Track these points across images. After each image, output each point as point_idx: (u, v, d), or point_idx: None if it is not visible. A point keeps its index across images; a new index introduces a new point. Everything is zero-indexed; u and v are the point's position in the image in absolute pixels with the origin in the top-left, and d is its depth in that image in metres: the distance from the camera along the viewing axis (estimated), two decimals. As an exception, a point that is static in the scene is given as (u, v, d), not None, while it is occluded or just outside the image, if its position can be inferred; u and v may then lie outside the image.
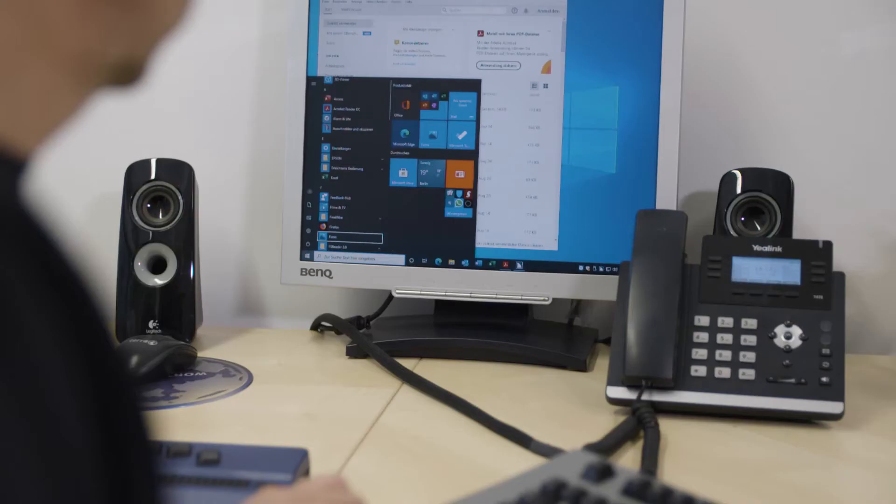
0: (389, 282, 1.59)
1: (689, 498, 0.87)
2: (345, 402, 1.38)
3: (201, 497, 1.01)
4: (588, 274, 1.52)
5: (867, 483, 1.15)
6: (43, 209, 0.46)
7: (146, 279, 1.59)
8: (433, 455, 1.20)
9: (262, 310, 1.80)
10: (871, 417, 1.31)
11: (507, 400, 1.36)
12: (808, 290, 1.33)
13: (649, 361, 1.29)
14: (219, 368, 1.51)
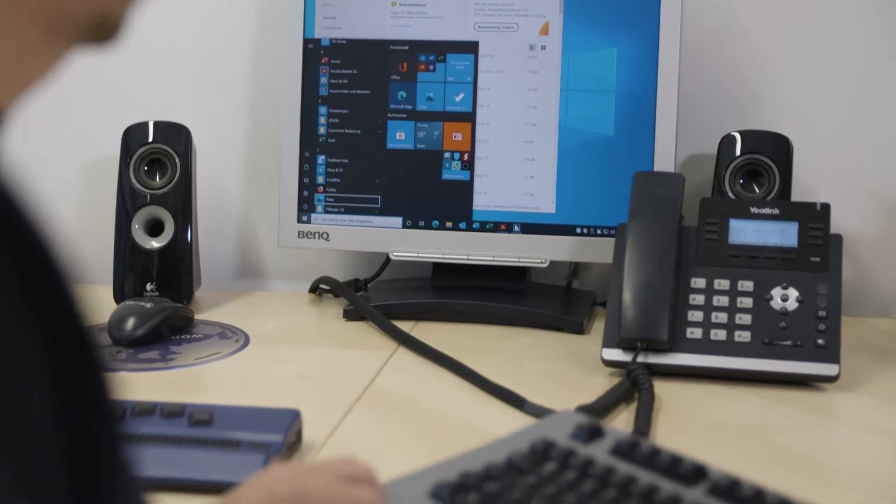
0: (387, 244, 1.58)
1: (677, 458, 0.87)
2: (341, 364, 1.38)
3: (193, 457, 1.01)
4: (585, 236, 1.52)
5: (862, 445, 1.15)
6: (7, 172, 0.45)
7: (144, 242, 1.59)
8: (427, 416, 1.20)
9: (261, 272, 1.80)
10: (867, 380, 1.30)
11: (503, 362, 1.36)
12: (806, 252, 1.32)
13: (645, 323, 1.28)
14: (216, 331, 1.52)
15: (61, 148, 1.80)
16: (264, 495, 0.75)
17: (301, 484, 0.76)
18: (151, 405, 1.09)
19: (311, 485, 0.76)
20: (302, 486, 0.76)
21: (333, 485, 0.77)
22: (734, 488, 0.82)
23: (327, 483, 0.77)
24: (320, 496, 0.75)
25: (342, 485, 0.77)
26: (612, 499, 0.81)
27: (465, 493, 0.84)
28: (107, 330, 1.45)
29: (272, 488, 0.75)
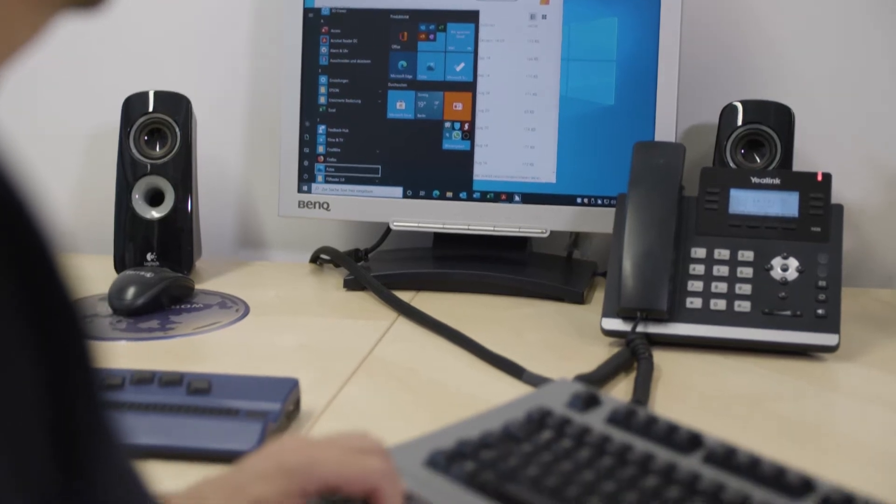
0: (387, 214, 1.58)
1: (673, 426, 0.87)
2: (340, 333, 1.38)
3: (191, 425, 1.01)
4: (586, 206, 1.52)
5: (861, 415, 1.15)
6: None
7: (144, 212, 1.59)
8: (426, 386, 1.20)
9: (262, 243, 1.80)
10: (867, 350, 1.30)
11: (503, 332, 1.36)
12: (806, 222, 1.32)
13: (644, 293, 1.28)
14: (216, 300, 1.52)
15: (62, 118, 1.80)
16: (272, 465, 0.75)
17: (310, 455, 0.76)
18: (150, 374, 1.09)
19: (320, 455, 0.76)
20: (311, 456, 0.75)
21: (343, 455, 0.76)
22: (730, 456, 0.82)
23: (337, 454, 0.76)
24: (330, 466, 0.75)
25: (352, 455, 0.77)
26: (607, 467, 0.81)
27: (461, 460, 0.84)
28: (107, 299, 1.45)
29: (281, 458, 0.75)
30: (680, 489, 0.78)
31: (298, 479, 0.74)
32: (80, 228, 1.81)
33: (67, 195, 1.81)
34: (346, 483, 0.75)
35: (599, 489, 0.78)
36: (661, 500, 0.77)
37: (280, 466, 0.74)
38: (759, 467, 0.80)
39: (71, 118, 1.80)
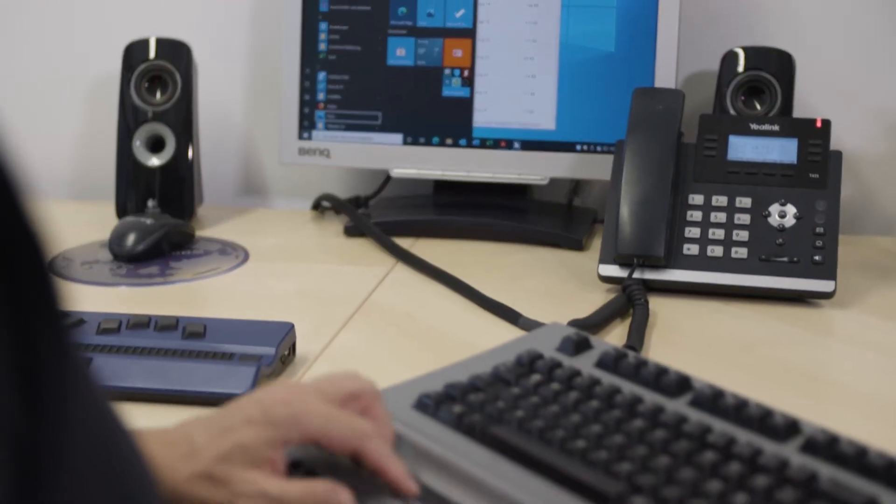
0: (387, 161, 1.58)
1: (662, 370, 0.87)
2: (339, 279, 1.39)
3: (185, 369, 1.02)
4: (585, 153, 1.51)
5: (856, 361, 1.15)
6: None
7: (145, 159, 1.59)
8: (422, 331, 1.21)
9: (264, 190, 1.80)
10: (864, 297, 1.30)
11: (501, 278, 1.37)
12: (805, 168, 1.32)
13: (641, 239, 1.28)
14: (216, 247, 1.52)
15: (63, 66, 1.80)
16: (259, 412, 0.75)
17: (297, 408, 0.75)
18: (146, 318, 1.09)
19: (307, 409, 0.76)
20: (297, 409, 0.75)
21: (331, 412, 0.77)
22: (717, 399, 0.82)
23: (325, 409, 0.76)
24: (315, 420, 0.75)
25: (341, 412, 0.77)
26: (595, 409, 0.82)
27: (449, 403, 0.84)
28: (108, 246, 1.45)
29: (267, 407, 0.75)
30: (665, 432, 0.78)
31: (283, 429, 0.74)
32: (82, 176, 1.81)
33: (69, 142, 1.81)
34: (330, 440, 0.75)
35: (585, 432, 0.79)
36: (646, 442, 0.77)
37: (266, 414, 0.75)
38: (746, 410, 0.80)
39: (72, 65, 1.80)
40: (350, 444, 0.76)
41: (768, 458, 0.74)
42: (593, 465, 0.75)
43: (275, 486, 0.73)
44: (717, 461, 0.74)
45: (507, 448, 0.78)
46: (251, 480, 0.73)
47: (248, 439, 0.74)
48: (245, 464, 0.73)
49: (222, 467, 0.73)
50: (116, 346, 1.06)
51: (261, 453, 0.74)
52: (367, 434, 0.76)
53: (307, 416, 0.75)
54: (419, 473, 0.77)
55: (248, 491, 0.72)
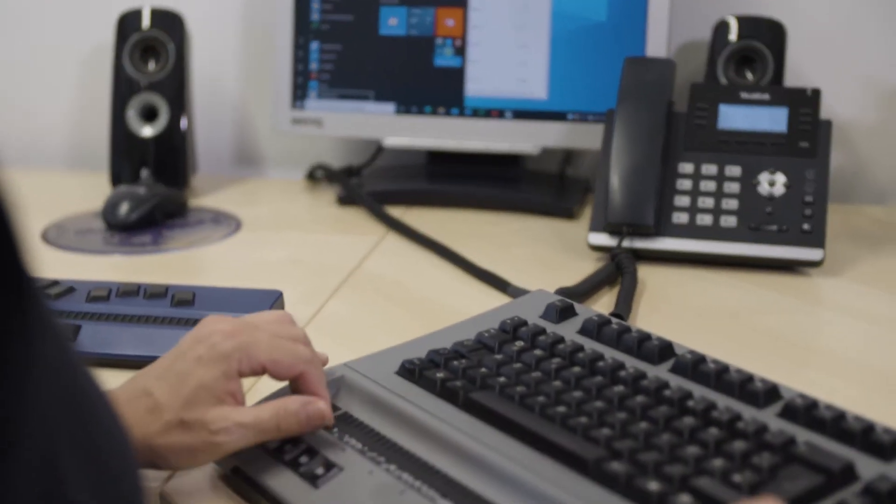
0: (379, 130, 1.58)
1: (645, 336, 0.88)
2: (331, 248, 1.39)
3: (174, 336, 1.02)
4: (577, 122, 1.51)
5: (842, 328, 1.15)
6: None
7: (138, 128, 1.59)
8: (411, 299, 1.21)
9: (258, 159, 1.80)
10: (853, 265, 1.31)
11: (492, 247, 1.37)
12: (794, 137, 1.32)
13: (631, 208, 1.29)
14: (209, 216, 1.53)
15: (57, 36, 1.80)
16: (207, 350, 0.77)
17: (243, 339, 0.78)
18: (136, 286, 1.10)
19: (253, 340, 0.79)
20: (244, 341, 0.78)
21: (276, 339, 0.80)
22: (698, 365, 0.83)
23: (270, 337, 0.80)
24: (263, 349, 0.78)
25: (281, 341, 0.80)
26: (577, 376, 0.82)
27: (432, 370, 0.85)
28: (101, 215, 1.46)
29: (214, 343, 0.78)
30: (646, 397, 0.79)
31: (235, 361, 0.77)
32: (77, 146, 1.82)
33: (63, 112, 1.82)
34: (277, 365, 0.79)
35: (566, 398, 0.79)
36: (626, 408, 0.78)
37: (216, 350, 0.77)
38: (726, 376, 0.81)
39: (66, 35, 1.79)
40: (295, 369, 0.80)
41: (747, 423, 0.75)
42: (573, 430, 0.75)
43: (246, 415, 0.76)
44: (695, 426, 0.75)
45: (487, 414, 0.79)
46: (223, 416, 0.75)
47: (206, 378, 0.76)
48: (211, 402, 0.75)
49: (191, 411, 0.75)
50: (106, 313, 1.06)
51: (221, 388, 0.76)
52: (310, 359, 0.81)
53: (255, 346, 0.79)
54: (400, 439, 0.78)
55: (223, 426, 0.75)
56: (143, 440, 0.74)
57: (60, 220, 1.50)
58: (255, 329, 0.80)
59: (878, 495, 0.66)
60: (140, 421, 0.75)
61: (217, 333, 0.79)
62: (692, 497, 0.67)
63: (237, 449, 0.77)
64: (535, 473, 0.72)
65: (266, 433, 0.77)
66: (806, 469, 0.70)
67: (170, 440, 0.74)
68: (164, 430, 0.74)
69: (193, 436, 0.75)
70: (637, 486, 0.69)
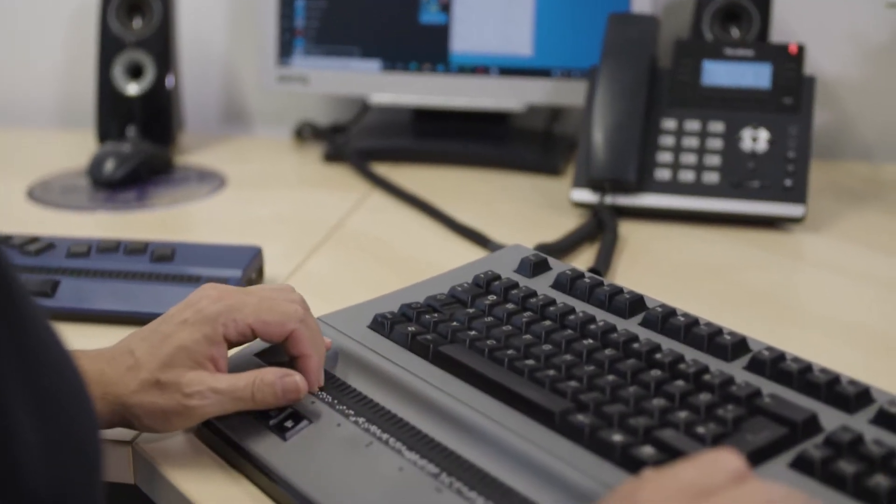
0: (365, 87, 1.58)
1: (618, 290, 0.88)
2: (315, 205, 1.39)
3: (152, 291, 1.03)
4: (562, 79, 1.51)
5: (822, 284, 1.15)
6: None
7: (125, 86, 1.59)
8: (392, 256, 1.21)
9: (246, 117, 1.80)
10: (835, 222, 1.31)
11: (476, 204, 1.37)
12: (778, 93, 1.32)
13: (613, 164, 1.29)
14: (194, 173, 1.53)
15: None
16: (192, 314, 0.78)
17: (229, 302, 0.78)
18: (115, 242, 1.11)
19: (239, 302, 0.78)
20: (229, 304, 0.78)
21: (263, 299, 0.79)
22: (668, 319, 0.83)
23: (257, 298, 0.79)
24: (248, 311, 0.78)
25: (269, 301, 0.79)
26: (547, 329, 0.83)
27: (403, 323, 0.85)
28: (87, 172, 1.46)
29: (201, 307, 0.78)
30: (614, 351, 0.79)
31: (219, 324, 0.77)
32: (64, 104, 1.81)
33: (50, 70, 1.81)
34: (264, 325, 0.78)
35: (535, 351, 0.80)
36: (594, 361, 0.78)
37: (200, 313, 0.77)
38: (695, 329, 0.81)
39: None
40: (283, 328, 0.78)
41: (713, 375, 0.75)
42: (540, 383, 0.76)
43: (222, 381, 0.76)
44: (662, 379, 0.75)
45: (456, 367, 0.79)
46: (199, 380, 0.75)
47: (186, 341, 0.76)
48: (189, 365, 0.76)
49: (167, 372, 0.75)
50: (85, 269, 1.07)
51: (202, 352, 0.76)
52: (300, 318, 0.79)
53: (241, 308, 0.78)
54: (369, 392, 0.79)
55: (198, 390, 0.75)
56: (120, 398, 0.75)
57: (46, 177, 1.51)
58: (245, 293, 0.80)
59: (838, 446, 0.67)
60: (119, 379, 0.75)
61: (205, 298, 0.79)
62: (655, 449, 0.68)
63: (211, 416, 0.76)
64: (502, 426, 0.73)
65: (241, 402, 0.76)
66: (770, 421, 0.70)
67: (144, 399, 0.75)
68: (139, 388, 0.75)
69: (167, 397, 0.75)
70: (601, 438, 0.69)
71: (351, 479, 0.71)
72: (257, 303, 0.79)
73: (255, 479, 0.75)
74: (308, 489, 0.71)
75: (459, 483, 0.69)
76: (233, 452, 0.77)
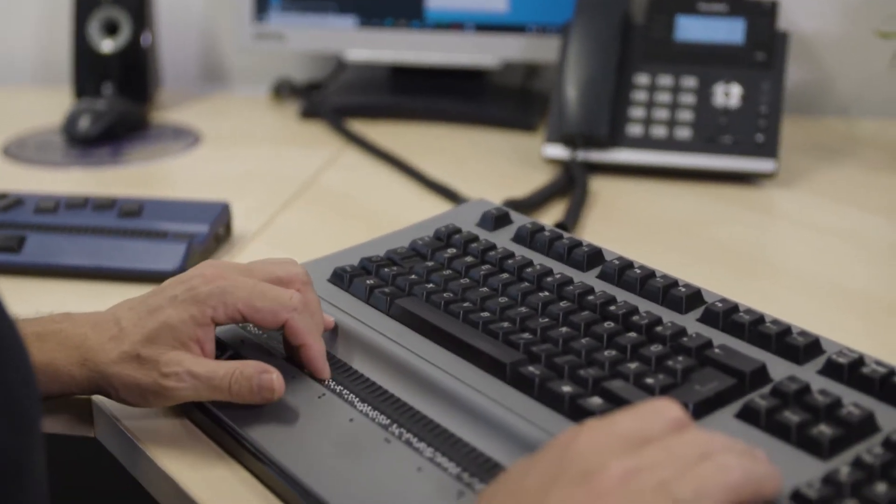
0: (341, 44, 1.57)
1: (577, 243, 0.88)
2: (288, 162, 1.39)
3: (119, 247, 1.03)
4: (537, 35, 1.50)
5: (791, 239, 1.16)
6: None
7: (100, 43, 1.58)
8: (362, 211, 1.22)
9: (225, 75, 1.79)
10: (808, 177, 1.31)
11: (450, 160, 1.37)
12: (751, 49, 1.32)
13: (585, 119, 1.29)
14: (170, 130, 1.53)
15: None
16: (184, 292, 0.76)
17: (223, 285, 0.76)
18: (84, 198, 1.11)
19: (233, 285, 0.76)
20: (223, 286, 0.75)
21: (257, 285, 0.77)
22: (624, 271, 0.83)
23: (251, 283, 0.77)
24: (240, 295, 0.75)
25: (265, 287, 0.77)
26: (504, 282, 0.83)
27: (362, 276, 0.86)
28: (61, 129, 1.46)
29: (193, 286, 0.76)
30: (569, 303, 0.80)
31: (209, 306, 0.75)
32: (41, 61, 1.81)
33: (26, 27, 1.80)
34: (256, 312, 0.75)
35: (491, 304, 0.80)
36: (548, 313, 0.79)
37: (191, 292, 0.75)
38: (651, 282, 0.82)
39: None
40: (276, 316, 0.76)
41: (665, 327, 0.75)
42: (494, 335, 0.76)
43: (202, 366, 0.73)
44: (614, 331, 0.76)
45: (412, 319, 0.80)
46: (178, 360, 0.73)
47: (173, 318, 0.74)
48: (171, 343, 0.74)
49: (149, 348, 0.74)
50: (53, 225, 1.07)
51: (187, 332, 0.74)
52: (294, 306, 0.76)
53: (233, 291, 0.75)
54: (328, 345, 0.79)
55: (175, 371, 0.73)
56: (99, 366, 0.74)
57: (22, 134, 1.50)
58: (241, 273, 0.78)
59: (784, 396, 0.67)
60: (101, 347, 0.74)
61: (198, 277, 0.76)
62: (603, 400, 0.68)
63: (186, 399, 0.74)
64: (455, 378, 0.74)
65: (217, 391, 0.73)
66: (719, 372, 0.71)
67: (121, 371, 0.74)
68: (118, 359, 0.74)
69: (144, 373, 0.73)
70: (550, 389, 0.70)
71: (302, 430, 0.72)
72: (251, 287, 0.76)
73: (200, 424, 0.76)
74: (257, 438, 0.72)
75: (409, 434, 0.70)
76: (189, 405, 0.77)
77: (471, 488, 0.64)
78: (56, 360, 0.75)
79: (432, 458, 0.67)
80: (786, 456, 0.63)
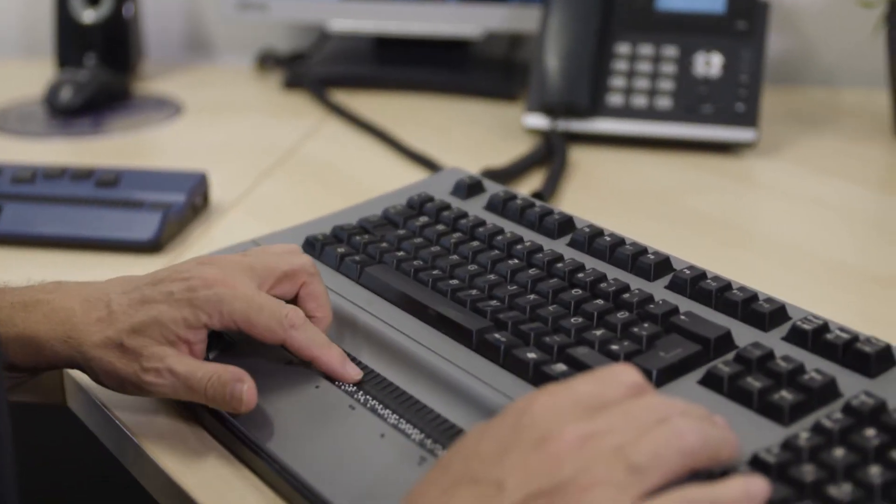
0: (324, 14, 1.57)
1: (548, 211, 0.88)
2: (270, 132, 1.39)
3: (95, 216, 1.04)
4: (520, 5, 1.50)
5: (769, 208, 1.16)
6: None
7: (82, 13, 1.58)
8: (342, 181, 1.22)
9: (210, 45, 1.79)
10: (788, 146, 1.31)
11: (432, 130, 1.37)
12: (732, 18, 1.31)
13: (565, 88, 1.29)
14: (152, 101, 1.52)
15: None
16: (182, 290, 0.73)
17: (221, 292, 0.73)
18: (61, 169, 1.11)
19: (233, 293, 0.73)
20: (222, 293, 0.73)
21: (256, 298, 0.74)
22: (595, 239, 0.84)
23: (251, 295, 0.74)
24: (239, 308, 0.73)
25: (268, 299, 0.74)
26: (474, 250, 0.83)
27: (334, 245, 0.86)
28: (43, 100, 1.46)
29: (193, 286, 0.73)
30: (538, 271, 0.80)
31: (204, 312, 0.73)
32: (22, 31, 1.80)
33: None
34: (252, 328, 0.73)
35: (460, 272, 0.80)
36: (517, 281, 0.79)
37: (189, 293, 0.73)
38: (620, 249, 0.82)
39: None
40: (273, 335, 0.73)
41: (632, 294, 0.76)
42: (462, 303, 0.77)
43: (182, 365, 0.72)
44: (582, 298, 0.76)
45: (381, 287, 0.80)
46: (160, 356, 0.72)
47: (165, 316, 0.72)
48: (158, 339, 0.72)
49: (134, 339, 0.72)
50: (29, 195, 1.07)
51: (176, 332, 0.72)
52: (294, 324, 0.74)
53: (231, 302, 0.73)
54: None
55: (156, 367, 0.71)
56: (82, 345, 0.73)
57: (4, 105, 1.50)
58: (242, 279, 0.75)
59: (747, 362, 0.67)
60: (86, 327, 0.73)
61: (199, 278, 0.74)
62: (567, 366, 0.69)
63: (163, 396, 0.73)
64: (422, 345, 0.74)
65: (193, 392, 0.71)
66: (684, 339, 0.71)
67: (103, 356, 0.72)
68: (101, 343, 0.72)
69: (125, 363, 0.72)
70: (516, 356, 0.70)
71: (269, 397, 0.72)
72: (250, 299, 0.73)
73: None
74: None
75: (374, 401, 0.70)
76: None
77: (433, 454, 0.65)
78: (39, 333, 0.73)
79: (396, 425, 0.68)
80: (747, 422, 0.63)
